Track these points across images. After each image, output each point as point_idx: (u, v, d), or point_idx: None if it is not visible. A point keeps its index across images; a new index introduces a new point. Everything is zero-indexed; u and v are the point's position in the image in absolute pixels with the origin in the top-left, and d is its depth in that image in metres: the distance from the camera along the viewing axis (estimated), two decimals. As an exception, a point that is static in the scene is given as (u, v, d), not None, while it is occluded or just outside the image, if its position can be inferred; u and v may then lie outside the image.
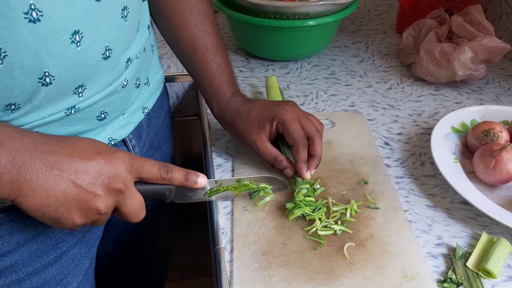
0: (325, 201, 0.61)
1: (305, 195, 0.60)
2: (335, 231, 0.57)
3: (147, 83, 0.64)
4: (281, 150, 0.65)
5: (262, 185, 0.59)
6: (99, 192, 0.40)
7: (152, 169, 0.45)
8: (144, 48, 0.58)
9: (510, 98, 0.87)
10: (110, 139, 0.55)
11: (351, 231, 0.57)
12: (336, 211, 0.60)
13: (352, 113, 0.81)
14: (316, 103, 0.84)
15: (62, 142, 0.40)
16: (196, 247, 1.44)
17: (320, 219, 0.58)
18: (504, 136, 0.69)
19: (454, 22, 0.91)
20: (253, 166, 0.67)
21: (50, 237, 0.52)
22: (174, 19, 0.65)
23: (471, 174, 0.67)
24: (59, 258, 0.54)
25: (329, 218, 0.59)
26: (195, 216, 1.39)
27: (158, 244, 0.93)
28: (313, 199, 0.60)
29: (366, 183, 0.65)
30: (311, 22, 0.86)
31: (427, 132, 0.77)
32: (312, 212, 0.59)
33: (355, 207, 0.60)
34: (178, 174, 0.48)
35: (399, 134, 0.77)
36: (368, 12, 1.22)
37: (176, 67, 0.96)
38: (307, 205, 0.59)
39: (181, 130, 0.97)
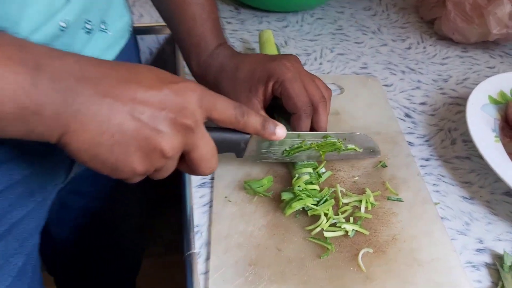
0: (332, 190, 0.47)
1: (307, 182, 0.46)
2: (347, 231, 0.43)
3: (104, 29, 0.49)
4: (276, 119, 0.51)
5: (351, 146, 0.48)
6: (163, 128, 0.32)
7: (226, 107, 0.37)
8: None
9: (552, 63, 0.72)
10: None
11: (367, 232, 0.43)
12: (346, 204, 0.46)
13: (365, 77, 0.65)
14: (321, 64, 0.68)
15: (115, 65, 0.32)
16: (180, 220, 1.33)
17: (326, 215, 0.44)
18: (559, 109, 0.54)
19: (491, -32, 0.74)
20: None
21: None
22: None
23: (515, 156, 0.53)
24: None
25: (338, 214, 0.45)
26: (177, 189, 1.27)
27: (128, 229, 0.79)
28: (317, 187, 0.46)
29: (384, 166, 0.51)
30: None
31: (456, 102, 0.63)
32: (316, 205, 0.45)
33: (371, 198, 0.46)
34: (254, 120, 0.39)
35: (422, 103, 0.62)
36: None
37: (150, 16, 0.79)
38: (309, 196, 0.45)
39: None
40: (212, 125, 0.39)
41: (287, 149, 0.46)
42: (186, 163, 0.36)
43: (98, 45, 0.47)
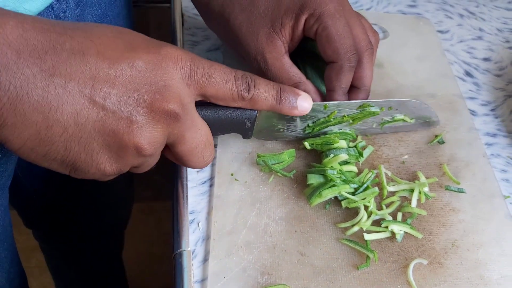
0: (374, 172, 0.35)
1: (342, 162, 0.34)
2: (393, 233, 0.32)
3: None
4: (302, 70, 0.38)
5: (399, 116, 0.37)
6: (137, 118, 0.25)
7: (224, 80, 0.28)
8: None
9: None
10: None
11: (420, 235, 0.32)
12: (392, 194, 0.35)
13: (415, 18, 0.51)
14: (358, -2, 0.54)
15: (69, 28, 0.24)
16: (172, 163, 1.24)
17: (367, 208, 0.33)
18: None
19: None
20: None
21: None
22: None
23: None
24: None
25: (381, 208, 0.33)
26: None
27: (116, 180, 0.68)
28: (355, 168, 0.35)
29: (442, 143, 0.39)
30: None
31: (527, 60, 0.49)
32: (353, 193, 0.33)
33: (426, 188, 0.34)
34: (265, 92, 0.30)
35: (486, 59, 0.49)
36: None
37: None
38: (345, 182, 0.33)
39: (141, 23, 0.66)
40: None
41: (310, 124, 0.35)
42: (172, 154, 0.29)
43: None
